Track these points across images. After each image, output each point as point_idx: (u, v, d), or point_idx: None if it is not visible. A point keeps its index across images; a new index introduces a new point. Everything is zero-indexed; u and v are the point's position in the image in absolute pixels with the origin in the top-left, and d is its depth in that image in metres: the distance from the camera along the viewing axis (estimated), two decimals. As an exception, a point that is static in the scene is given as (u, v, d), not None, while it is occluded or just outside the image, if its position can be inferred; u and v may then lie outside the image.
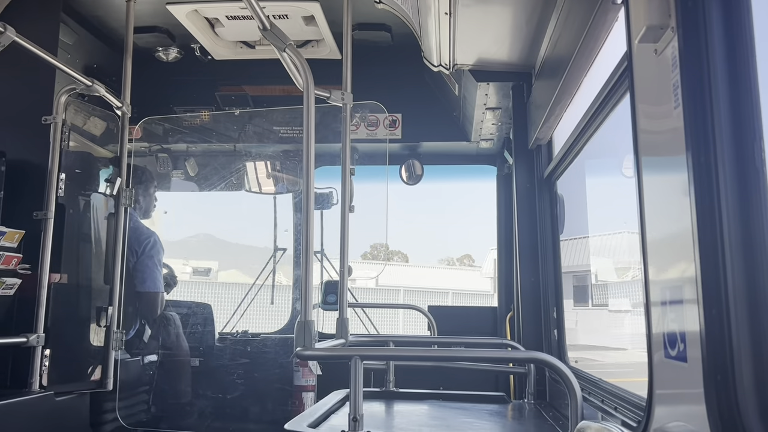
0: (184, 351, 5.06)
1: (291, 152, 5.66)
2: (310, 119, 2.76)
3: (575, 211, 4.22)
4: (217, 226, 13.38)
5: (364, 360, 2.47)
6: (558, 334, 3.96)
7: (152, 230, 4.95)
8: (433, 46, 3.72)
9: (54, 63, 3.75)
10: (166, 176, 5.66)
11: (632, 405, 2.26)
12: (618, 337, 6.50)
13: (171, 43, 4.95)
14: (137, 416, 4.63)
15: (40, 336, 3.72)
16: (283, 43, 2.80)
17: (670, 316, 1.57)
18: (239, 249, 14.46)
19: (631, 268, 5.61)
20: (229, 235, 21.78)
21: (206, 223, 14.07)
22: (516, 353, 3.65)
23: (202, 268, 14.46)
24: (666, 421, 1.63)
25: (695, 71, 1.38)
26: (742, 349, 1.29)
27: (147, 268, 4.80)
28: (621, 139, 2.95)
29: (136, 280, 4.76)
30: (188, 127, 5.46)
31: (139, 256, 4.76)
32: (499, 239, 5.51)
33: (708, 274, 1.34)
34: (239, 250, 14.43)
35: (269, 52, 4.71)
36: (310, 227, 2.76)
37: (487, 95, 4.25)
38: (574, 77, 2.97)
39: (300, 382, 4.97)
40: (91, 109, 4.44)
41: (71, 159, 4.16)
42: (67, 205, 4.08)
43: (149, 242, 4.85)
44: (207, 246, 13.84)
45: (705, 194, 1.36)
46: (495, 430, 3.04)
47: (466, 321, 5.66)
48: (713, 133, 1.34)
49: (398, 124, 5.34)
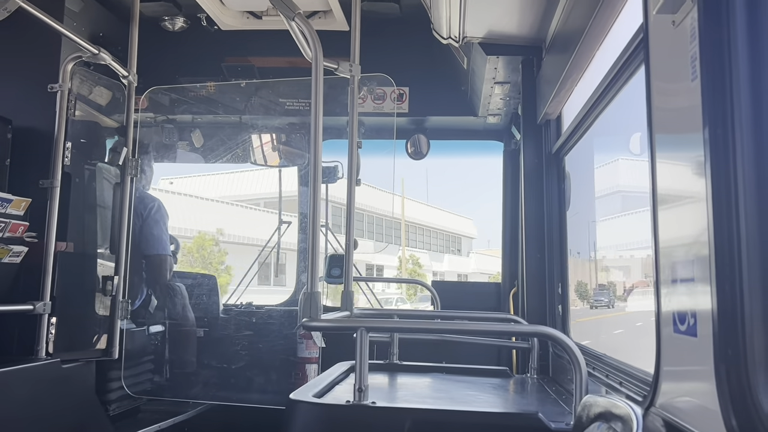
0: (190, 322, 5.09)
1: (297, 125, 5.63)
2: (319, 90, 2.74)
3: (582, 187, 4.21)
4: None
5: (369, 331, 2.48)
6: (562, 309, 3.96)
7: (155, 197, 4.98)
8: (443, 17, 3.68)
9: (60, 30, 3.71)
10: (171, 147, 5.64)
11: (637, 380, 2.27)
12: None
13: (177, 13, 4.90)
14: (142, 385, 4.67)
15: (46, 304, 3.74)
16: (292, 12, 2.77)
17: (681, 290, 1.56)
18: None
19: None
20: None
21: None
22: (522, 327, 3.66)
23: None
24: (673, 395, 1.63)
25: (715, 43, 1.35)
26: (755, 325, 1.28)
27: (153, 231, 4.82)
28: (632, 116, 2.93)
29: (142, 244, 4.77)
30: (194, 97, 5.43)
31: (145, 219, 4.77)
32: (504, 215, 5.50)
33: (722, 252, 1.33)
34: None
35: (276, 23, 4.67)
36: (317, 200, 2.76)
37: (496, 69, 4.21)
38: (586, 51, 2.93)
39: (304, 354, 5.01)
40: (97, 78, 4.42)
41: (77, 128, 4.14)
42: (73, 174, 4.08)
43: (154, 206, 4.86)
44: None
45: (721, 171, 1.34)
46: (498, 403, 3.06)
47: (470, 296, 5.68)
48: (731, 106, 1.32)
49: (405, 97, 5.30)
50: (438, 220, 38.18)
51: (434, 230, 39.31)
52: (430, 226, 38.12)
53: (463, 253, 41.22)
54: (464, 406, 2.77)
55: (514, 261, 5.21)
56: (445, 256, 38.04)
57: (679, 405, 1.59)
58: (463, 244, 42.20)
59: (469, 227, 41.53)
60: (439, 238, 39.76)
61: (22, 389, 3.45)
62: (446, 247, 40.51)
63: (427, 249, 37.15)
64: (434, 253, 37.18)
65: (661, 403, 1.68)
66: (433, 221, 37.63)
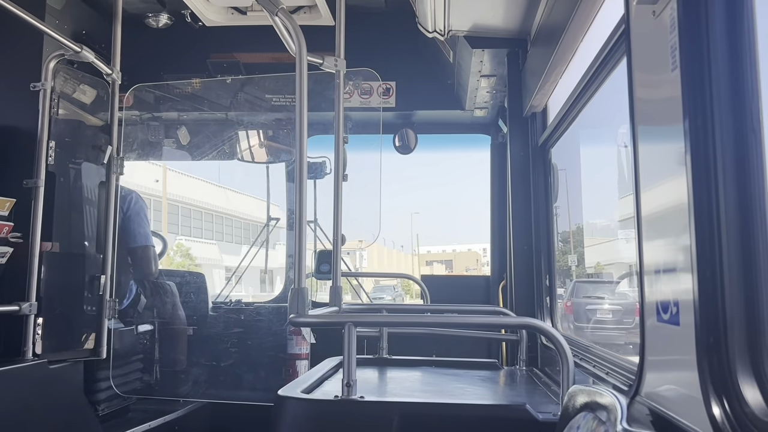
0: (180, 320, 5.07)
1: (283, 121, 5.61)
2: (303, 86, 2.73)
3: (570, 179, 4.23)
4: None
5: (357, 326, 2.49)
6: (550, 301, 3.98)
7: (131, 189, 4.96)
8: (428, 11, 3.67)
9: (41, 28, 3.68)
10: (157, 145, 5.61)
11: (624, 369, 2.28)
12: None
13: (161, 9, 4.87)
14: (131, 384, 4.65)
15: (32, 304, 3.71)
16: (275, 7, 2.75)
17: (664, 280, 1.57)
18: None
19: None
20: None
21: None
22: (508, 319, 3.67)
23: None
24: (657, 384, 1.64)
25: (694, 33, 1.36)
26: (735, 313, 1.29)
27: (134, 223, 4.79)
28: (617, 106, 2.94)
29: (127, 237, 4.74)
30: (179, 95, 5.40)
31: (126, 213, 4.74)
32: (492, 208, 5.51)
33: (703, 240, 1.34)
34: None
35: (261, 18, 4.65)
36: (303, 196, 2.74)
37: (482, 62, 4.21)
38: (570, 43, 2.94)
39: (294, 351, 5.00)
40: (80, 76, 4.38)
41: (61, 127, 4.11)
42: (57, 174, 4.04)
43: (132, 199, 4.83)
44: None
45: (701, 160, 1.35)
46: (487, 395, 3.07)
47: (459, 290, 5.69)
48: (711, 96, 1.33)
49: (392, 92, 5.29)
50: (245, 208, 29.77)
51: (236, 218, 31.26)
52: (232, 214, 30.93)
53: (272, 244, 34.71)
54: (452, 398, 2.77)
55: (502, 254, 5.22)
56: (244, 248, 30.24)
57: (663, 394, 1.60)
58: (271, 234, 36.13)
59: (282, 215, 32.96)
60: (242, 227, 31.93)
61: (8, 391, 3.42)
62: (250, 237, 33.18)
63: (218, 239, 31.03)
64: (229, 244, 30.22)
65: (646, 392, 1.69)
66: (238, 209, 30.12)
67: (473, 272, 36.15)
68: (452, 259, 39.87)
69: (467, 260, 39.75)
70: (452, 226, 75.60)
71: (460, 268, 37.07)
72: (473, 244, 42.73)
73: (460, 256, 40.61)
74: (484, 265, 40.22)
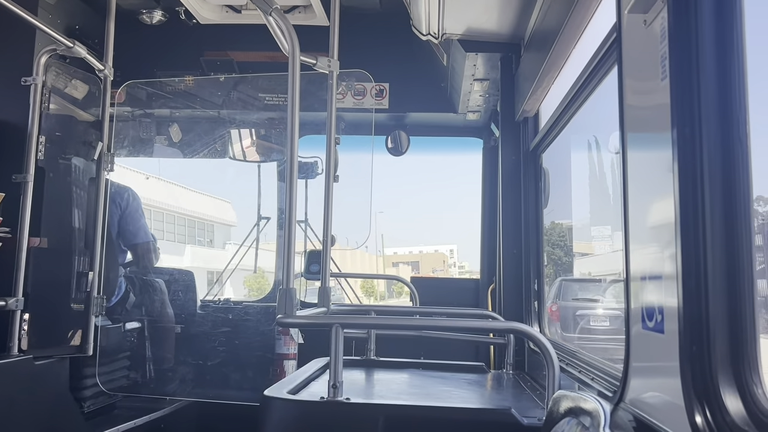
0: (168, 318, 5.05)
1: (276, 120, 5.60)
2: (296, 86, 2.73)
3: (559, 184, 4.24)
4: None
5: (344, 328, 2.48)
6: (538, 306, 3.99)
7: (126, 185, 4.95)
8: (423, 14, 3.68)
9: (34, 23, 3.66)
10: (148, 142, 5.59)
11: (609, 375, 2.29)
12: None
13: (155, 6, 4.85)
14: (118, 382, 4.63)
15: (19, 300, 3.68)
16: (269, 7, 2.75)
17: (650, 287, 1.58)
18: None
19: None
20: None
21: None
22: (496, 323, 3.68)
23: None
24: (641, 391, 1.65)
25: (684, 43, 1.37)
26: (718, 322, 1.30)
27: (134, 220, 4.79)
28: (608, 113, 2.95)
29: (127, 234, 4.74)
30: (172, 92, 5.38)
31: (124, 209, 4.74)
32: (483, 211, 5.52)
33: (688, 248, 1.35)
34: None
35: (255, 17, 4.63)
36: (293, 196, 2.74)
37: (475, 66, 4.22)
38: (562, 49, 2.95)
39: (282, 350, 4.99)
40: (72, 71, 4.36)
41: (52, 122, 4.09)
42: (47, 169, 4.03)
43: (129, 195, 4.82)
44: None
45: (688, 170, 1.36)
46: (473, 398, 3.08)
47: (449, 293, 5.69)
48: (699, 106, 1.34)
49: (385, 93, 5.30)
50: (189, 205, 27.93)
51: (179, 216, 28.23)
52: (174, 211, 27.61)
53: (218, 244, 31.24)
54: (438, 401, 2.78)
55: (492, 257, 5.24)
56: (188, 248, 27.71)
57: (647, 400, 1.61)
58: (218, 234, 31.99)
59: (228, 213, 29.92)
60: (184, 225, 29.73)
61: (-7, 386, 3.40)
62: (193, 236, 30.60)
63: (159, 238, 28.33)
64: (171, 243, 27.01)
65: (630, 398, 1.70)
66: (182, 206, 27.41)
67: (440, 273, 35.97)
68: (419, 260, 39.54)
69: (434, 261, 39.51)
70: (420, 227, 75.21)
71: (427, 269, 36.84)
72: (440, 246, 42.58)
73: (426, 257, 40.31)
74: (451, 267, 39.90)
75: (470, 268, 38.40)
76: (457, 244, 44.17)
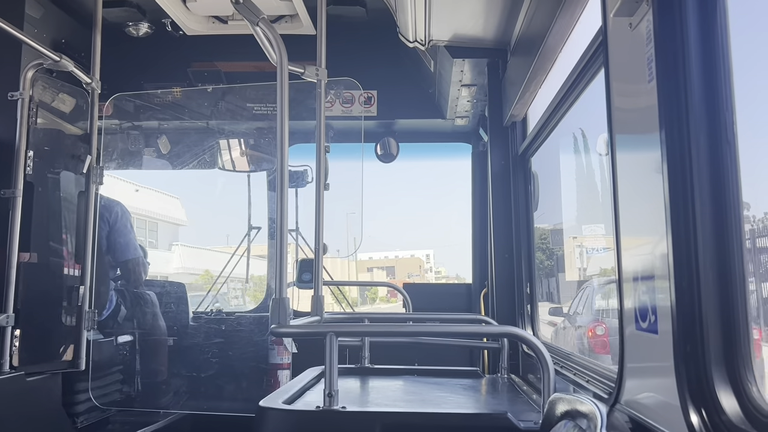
0: (161, 331, 5.03)
1: (265, 129, 5.60)
2: (284, 95, 2.73)
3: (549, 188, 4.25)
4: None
5: (338, 336, 2.48)
6: (531, 309, 4.00)
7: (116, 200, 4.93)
8: (409, 21, 3.69)
9: (20, 37, 3.65)
10: (137, 154, 5.57)
11: (604, 377, 2.30)
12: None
13: (141, 18, 4.84)
14: (111, 396, 4.60)
15: (9, 316, 3.65)
16: (256, 17, 2.75)
17: (642, 289, 1.59)
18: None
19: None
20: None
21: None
22: (490, 328, 3.68)
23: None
24: (637, 392, 1.66)
25: (669, 45, 1.38)
26: (711, 322, 1.31)
27: (123, 235, 4.77)
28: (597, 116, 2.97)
29: (116, 250, 4.71)
30: (160, 104, 5.37)
31: (113, 225, 4.71)
32: (473, 216, 5.54)
33: (679, 250, 1.36)
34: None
35: (242, 27, 4.64)
36: (284, 205, 2.74)
37: (462, 72, 4.24)
38: (549, 53, 2.97)
39: (275, 360, 4.97)
40: (59, 85, 4.34)
41: (40, 136, 4.07)
42: (35, 183, 4.00)
43: (119, 210, 4.80)
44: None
45: (677, 171, 1.37)
46: (469, 404, 3.07)
47: (441, 298, 5.70)
48: (686, 106, 1.35)
49: (373, 101, 5.31)
50: (129, 200, 22.33)
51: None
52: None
53: (162, 245, 28.01)
54: (434, 408, 2.77)
55: (483, 262, 5.24)
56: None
57: (642, 401, 1.61)
58: (161, 233, 28.93)
59: (175, 210, 25.74)
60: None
61: (-15, 403, 3.37)
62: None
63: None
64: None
65: (626, 399, 1.70)
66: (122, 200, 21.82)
67: (416, 279, 35.69)
68: (394, 265, 39.02)
69: (410, 266, 39.01)
70: (396, 231, 74.62)
71: (402, 274, 36.40)
72: (417, 250, 42.16)
73: (402, 262, 39.74)
74: (427, 272, 39.52)
75: (447, 273, 38.13)
76: (433, 249, 43.73)
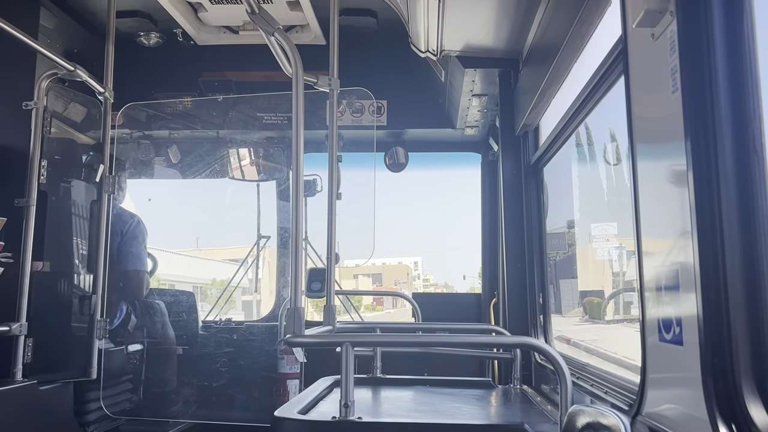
0: (170, 340, 5.03)
1: (275, 139, 5.62)
2: (299, 105, 2.74)
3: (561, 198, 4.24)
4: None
5: (354, 346, 2.47)
6: (544, 319, 3.98)
7: (134, 213, 4.94)
8: (421, 31, 3.70)
9: (35, 47, 3.67)
10: (148, 163, 5.59)
11: (623, 389, 2.28)
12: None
13: (153, 28, 4.87)
14: (122, 405, 4.59)
15: (22, 325, 3.66)
16: (272, 27, 2.77)
17: (666, 299, 1.58)
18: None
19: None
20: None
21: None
22: (507, 338, 3.66)
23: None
24: (660, 403, 1.64)
25: (695, 55, 1.38)
26: (740, 333, 1.30)
27: (132, 247, 4.78)
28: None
29: (121, 260, 4.72)
30: (171, 113, 5.39)
31: (124, 236, 4.73)
32: (483, 226, 5.53)
33: (706, 260, 1.35)
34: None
35: (253, 38, 4.67)
36: (299, 214, 2.74)
37: (473, 81, 4.24)
38: (564, 63, 2.97)
39: (285, 370, 4.97)
40: (72, 94, 4.37)
41: (53, 145, 4.09)
42: (49, 193, 4.02)
43: (133, 222, 4.82)
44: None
45: (704, 180, 1.36)
46: (483, 415, 3.06)
47: (451, 307, 5.68)
48: (713, 117, 1.34)
49: (384, 110, 5.32)
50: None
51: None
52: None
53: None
54: (449, 419, 2.76)
55: (494, 271, 5.23)
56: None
57: (666, 413, 1.60)
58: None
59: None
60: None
61: (-2, 412, 3.37)
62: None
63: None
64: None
65: (648, 411, 1.69)
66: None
67: (403, 286, 35.20)
68: (381, 272, 38.52)
69: (397, 273, 38.48)
70: (383, 238, 74.35)
71: (389, 281, 35.91)
72: (404, 258, 41.69)
73: (389, 269, 39.15)
74: (415, 279, 39.08)
75: (435, 281, 37.65)
76: (421, 255, 43.27)
